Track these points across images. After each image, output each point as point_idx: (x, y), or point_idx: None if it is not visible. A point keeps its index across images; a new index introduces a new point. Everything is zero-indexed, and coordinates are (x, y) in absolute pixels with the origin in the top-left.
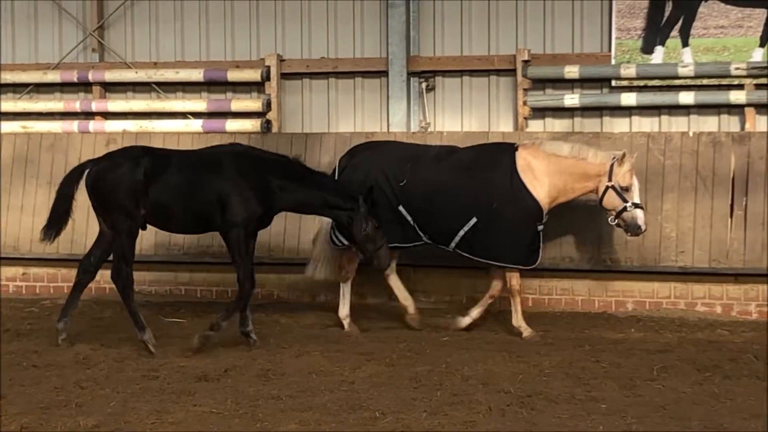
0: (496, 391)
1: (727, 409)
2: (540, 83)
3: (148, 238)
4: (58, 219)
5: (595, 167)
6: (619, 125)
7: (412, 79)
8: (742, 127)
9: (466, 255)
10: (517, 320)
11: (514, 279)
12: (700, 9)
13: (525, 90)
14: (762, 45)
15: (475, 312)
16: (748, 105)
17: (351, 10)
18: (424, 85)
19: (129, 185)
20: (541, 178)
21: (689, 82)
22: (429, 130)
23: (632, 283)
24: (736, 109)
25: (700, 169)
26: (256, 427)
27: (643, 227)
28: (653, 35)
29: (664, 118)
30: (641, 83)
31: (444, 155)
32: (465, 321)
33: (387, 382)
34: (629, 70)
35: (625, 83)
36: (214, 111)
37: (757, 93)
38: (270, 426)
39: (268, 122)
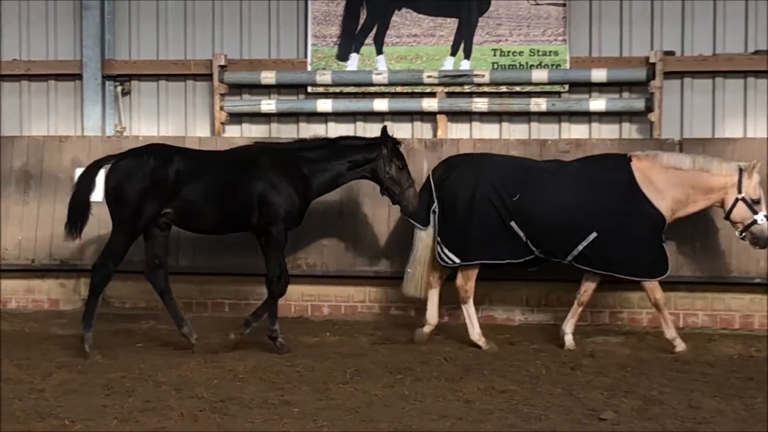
0: (189, 396)
1: (416, 410)
2: (237, 89)
3: None
4: (78, 215)
5: (720, 179)
6: (315, 131)
7: (107, 82)
8: (435, 134)
9: (584, 268)
10: (670, 332)
11: (657, 292)
12: (394, 18)
13: (222, 95)
14: (453, 54)
15: (569, 326)
16: (440, 112)
17: (44, 10)
18: (119, 89)
19: (156, 183)
20: (663, 190)
21: (383, 89)
22: (125, 134)
23: (328, 287)
24: (428, 116)
25: None
26: None
27: None
28: (348, 42)
29: (360, 124)
30: (337, 90)
31: (556, 168)
32: (569, 339)
33: (78, 389)
34: (325, 77)
35: (321, 90)
36: None
37: (448, 101)
38: None
39: None
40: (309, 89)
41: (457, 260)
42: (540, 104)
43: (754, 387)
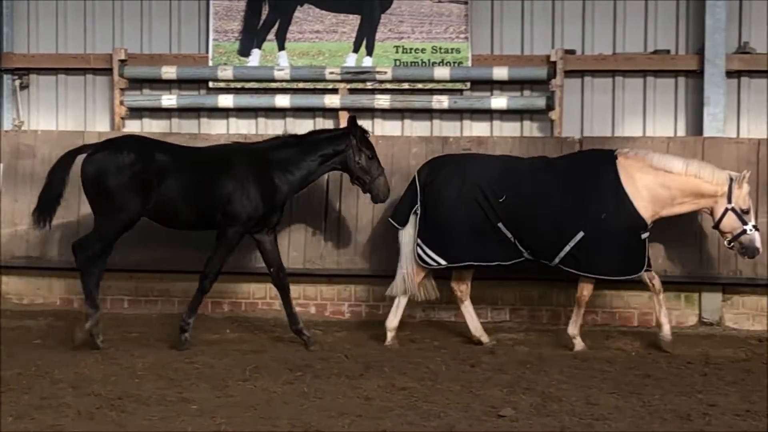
0: (86, 393)
1: (316, 407)
2: (137, 83)
3: None
4: (49, 203)
5: (711, 187)
6: (216, 126)
7: (5, 76)
8: None
9: (571, 271)
10: (575, 329)
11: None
12: (296, 13)
13: (122, 90)
14: (356, 50)
15: (575, 328)
16: (342, 109)
17: None
18: (17, 82)
19: (140, 177)
20: (643, 190)
21: (285, 85)
22: (23, 128)
23: (228, 284)
24: (330, 112)
25: None
26: None
27: (761, 250)
28: (250, 38)
29: (261, 120)
30: (238, 85)
31: (541, 167)
32: (577, 342)
33: None
34: (226, 72)
35: (222, 85)
36: None
37: (351, 97)
38: None
39: None
40: (210, 84)
41: (442, 262)
42: (442, 102)
43: (651, 384)
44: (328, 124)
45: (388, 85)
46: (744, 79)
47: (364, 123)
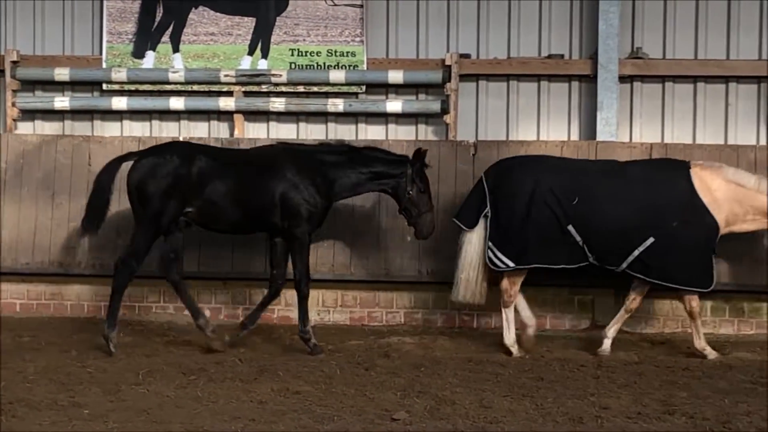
0: None
1: (209, 411)
2: (30, 85)
3: None
4: (97, 211)
5: None
6: (110, 129)
7: None
8: (232, 134)
9: (639, 276)
10: (700, 343)
11: (694, 301)
12: (191, 16)
13: (14, 91)
14: (251, 53)
15: (612, 331)
16: (237, 111)
17: None
18: None
19: (182, 182)
20: (721, 202)
21: (180, 87)
22: None
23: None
24: (225, 115)
25: None
26: None
27: None
28: (144, 40)
29: (156, 123)
30: (133, 87)
31: (613, 171)
32: (607, 343)
33: None
34: (120, 74)
35: (116, 87)
36: None
37: (246, 100)
38: None
39: None
40: (104, 86)
41: (511, 264)
42: (337, 105)
43: (545, 387)
44: (223, 126)
45: (284, 88)
46: (636, 83)
47: (260, 126)
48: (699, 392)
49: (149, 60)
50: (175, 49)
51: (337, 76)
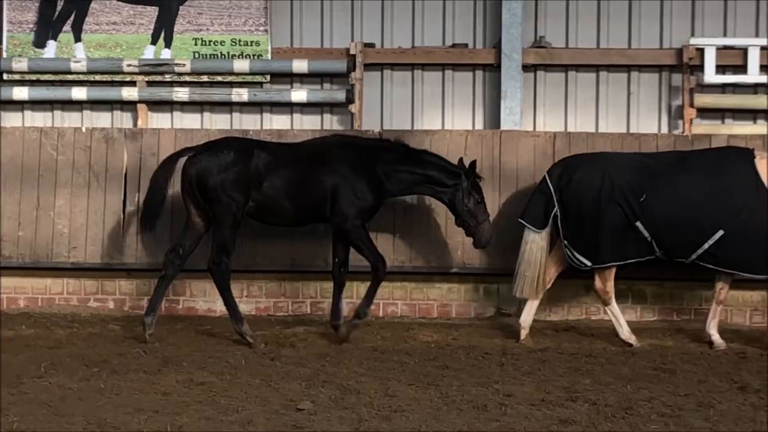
0: None
1: (112, 404)
2: None
3: None
4: (154, 207)
5: None
6: (11, 120)
7: None
8: (135, 124)
9: (709, 266)
10: (713, 329)
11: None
12: (93, 5)
13: None
14: (154, 42)
15: (713, 325)
16: (141, 102)
17: None
18: None
19: (243, 176)
20: None
21: (82, 77)
22: None
23: (24, 279)
24: (129, 105)
25: (93, 164)
26: None
27: None
28: (45, 29)
29: (57, 113)
30: (34, 77)
31: (676, 163)
32: (716, 338)
33: None
34: (21, 64)
35: (17, 77)
36: None
37: (149, 90)
38: None
39: None
40: (5, 77)
41: (588, 263)
42: (242, 94)
43: (450, 375)
44: (126, 116)
45: (187, 78)
46: (540, 72)
47: (164, 116)
48: (602, 379)
49: (51, 50)
50: (77, 39)
51: (241, 65)
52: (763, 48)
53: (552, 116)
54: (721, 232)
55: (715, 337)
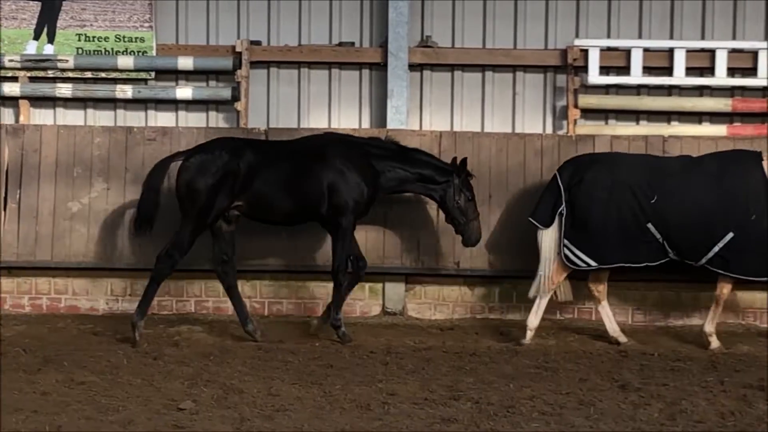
0: None
1: None
2: None
3: None
4: (148, 211)
5: None
6: None
7: None
8: (17, 120)
9: (718, 271)
10: (710, 328)
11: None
12: None
13: None
14: (36, 38)
15: (711, 326)
16: (23, 97)
17: None
18: None
19: (228, 177)
20: None
21: None
22: None
23: None
24: (10, 101)
25: None
26: None
27: None
28: None
29: None
30: None
31: (689, 166)
32: (713, 340)
33: None
34: None
35: None
36: None
37: (31, 86)
38: None
39: None
40: None
41: (593, 263)
42: (126, 91)
43: (333, 374)
44: (8, 112)
45: (71, 74)
46: (426, 72)
47: (46, 112)
48: (485, 377)
49: None
50: None
51: (125, 62)
52: (646, 50)
53: (438, 115)
54: (731, 235)
55: (713, 338)
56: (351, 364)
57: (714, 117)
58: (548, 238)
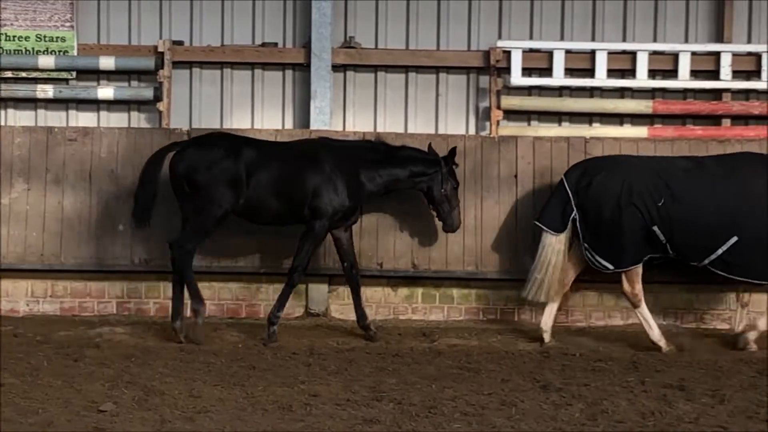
0: None
1: None
2: None
3: None
4: (146, 203)
5: None
6: None
7: None
8: None
9: (720, 273)
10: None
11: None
12: None
13: None
14: None
15: (742, 328)
16: None
17: None
18: None
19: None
20: None
21: None
22: None
23: None
24: None
25: None
26: None
27: None
28: None
29: None
30: None
31: (695, 169)
32: (753, 336)
33: None
34: None
35: None
36: None
37: None
38: None
39: None
40: None
41: (610, 267)
42: (47, 91)
43: (256, 375)
44: None
45: None
46: (350, 73)
47: None
48: (407, 378)
49: None
50: None
51: (46, 61)
52: (568, 51)
53: (362, 116)
54: (735, 239)
55: (749, 337)
56: (273, 365)
57: (635, 119)
58: (557, 243)
